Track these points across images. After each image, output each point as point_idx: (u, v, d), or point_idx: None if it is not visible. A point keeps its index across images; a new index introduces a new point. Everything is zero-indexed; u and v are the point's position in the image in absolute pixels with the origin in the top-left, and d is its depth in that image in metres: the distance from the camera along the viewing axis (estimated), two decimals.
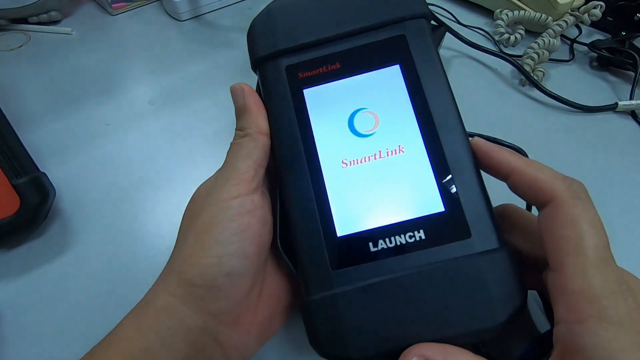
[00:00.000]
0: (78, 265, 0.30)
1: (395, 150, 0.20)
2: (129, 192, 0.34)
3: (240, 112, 0.21)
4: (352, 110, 0.21)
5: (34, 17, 0.50)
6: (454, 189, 0.19)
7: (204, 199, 0.20)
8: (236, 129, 0.22)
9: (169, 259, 0.20)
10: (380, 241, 0.18)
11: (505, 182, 0.19)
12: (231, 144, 0.21)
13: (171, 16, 0.53)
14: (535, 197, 0.17)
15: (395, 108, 0.20)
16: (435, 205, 0.19)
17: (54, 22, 0.52)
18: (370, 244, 0.18)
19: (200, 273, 0.18)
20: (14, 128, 0.32)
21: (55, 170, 0.34)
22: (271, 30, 0.22)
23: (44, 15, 0.51)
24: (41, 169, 0.32)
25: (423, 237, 0.18)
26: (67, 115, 0.40)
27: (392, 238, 0.18)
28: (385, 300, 0.17)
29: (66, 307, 0.28)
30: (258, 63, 0.22)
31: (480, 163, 0.19)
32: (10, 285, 0.29)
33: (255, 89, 0.23)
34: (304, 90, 0.21)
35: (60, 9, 0.52)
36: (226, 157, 0.21)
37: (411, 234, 0.18)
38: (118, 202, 0.33)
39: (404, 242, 0.18)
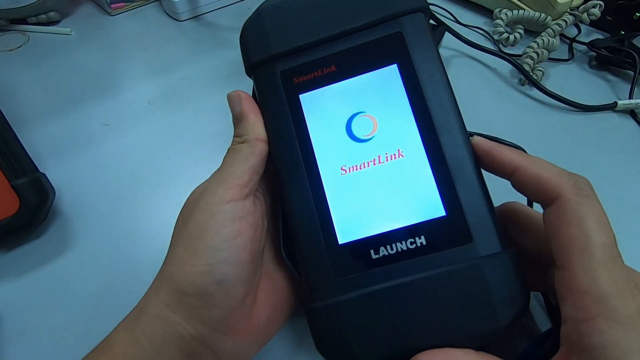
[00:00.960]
0: (77, 266, 0.30)
1: (394, 154, 0.19)
2: (128, 193, 0.34)
3: (238, 119, 0.21)
4: (350, 115, 0.20)
5: (33, 18, 0.50)
6: (454, 193, 0.18)
7: (196, 203, 0.20)
8: (234, 136, 0.21)
9: (162, 265, 0.20)
10: (382, 248, 0.18)
11: (509, 180, 0.18)
12: (228, 149, 0.21)
13: (170, 16, 0.53)
14: (540, 194, 0.17)
15: (393, 110, 0.20)
16: (436, 209, 0.18)
17: (53, 23, 0.52)
18: (372, 251, 0.18)
19: (191, 281, 0.18)
20: (14, 128, 0.32)
21: (54, 170, 0.34)
22: (263, 34, 0.21)
23: (43, 16, 0.51)
24: (41, 170, 0.32)
25: (424, 242, 0.18)
26: (66, 116, 0.40)
27: (394, 245, 0.18)
28: (388, 307, 0.17)
29: (66, 308, 0.28)
30: (252, 69, 0.22)
31: (482, 162, 0.19)
32: (10, 286, 0.29)
33: (252, 92, 0.23)
34: (300, 96, 0.20)
35: (59, 10, 0.52)
36: (222, 162, 0.21)
37: (412, 239, 0.18)
38: (118, 202, 0.33)
39: (405, 248, 0.18)
